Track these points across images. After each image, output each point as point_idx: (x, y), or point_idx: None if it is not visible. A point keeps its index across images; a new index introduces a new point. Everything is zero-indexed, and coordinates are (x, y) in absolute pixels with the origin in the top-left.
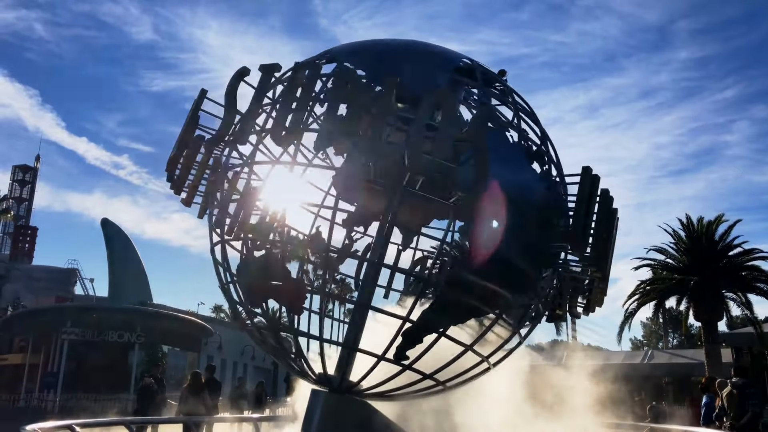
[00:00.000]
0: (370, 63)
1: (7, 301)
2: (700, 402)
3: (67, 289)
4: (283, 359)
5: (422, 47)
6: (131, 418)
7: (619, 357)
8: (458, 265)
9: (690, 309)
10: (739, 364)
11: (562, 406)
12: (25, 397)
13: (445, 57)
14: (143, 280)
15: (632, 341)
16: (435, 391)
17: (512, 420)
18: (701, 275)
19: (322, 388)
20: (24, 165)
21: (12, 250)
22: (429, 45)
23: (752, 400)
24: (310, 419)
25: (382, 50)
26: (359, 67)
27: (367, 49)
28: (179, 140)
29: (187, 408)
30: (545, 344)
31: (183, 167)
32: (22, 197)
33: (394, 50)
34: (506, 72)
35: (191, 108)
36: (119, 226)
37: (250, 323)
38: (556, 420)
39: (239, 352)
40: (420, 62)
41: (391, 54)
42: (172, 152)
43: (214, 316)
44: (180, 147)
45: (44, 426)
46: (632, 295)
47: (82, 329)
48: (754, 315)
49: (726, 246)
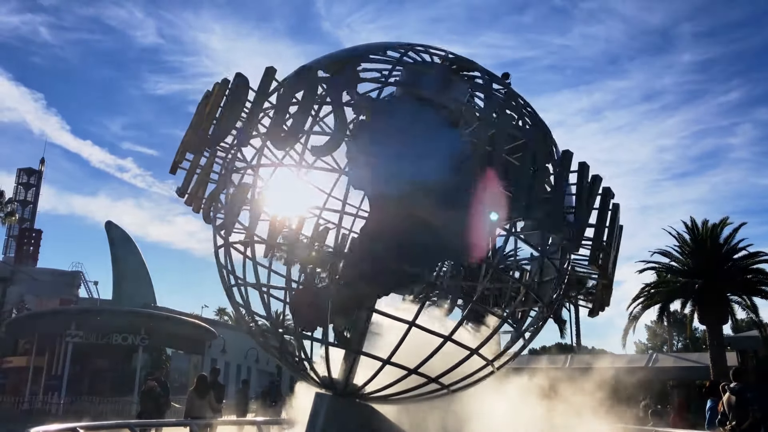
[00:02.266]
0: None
1: (12, 304)
2: (687, 406)
3: (72, 292)
4: (286, 362)
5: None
6: (135, 421)
7: (623, 360)
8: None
9: (695, 312)
10: (738, 369)
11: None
12: (30, 400)
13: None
14: (147, 282)
15: (637, 345)
16: (439, 395)
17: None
18: (706, 278)
19: (326, 392)
20: (29, 168)
21: (16, 252)
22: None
23: (754, 405)
24: (314, 422)
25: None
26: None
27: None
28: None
29: (194, 411)
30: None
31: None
32: (26, 200)
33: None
34: (510, 75)
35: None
36: (123, 229)
37: (254, 326)
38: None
39: (243, 355)
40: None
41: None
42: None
43: (218, 318)
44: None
45: (49, 429)
46: (636, 299)
47: (86, 332)
48: (759, 318)
49: (731, 249)
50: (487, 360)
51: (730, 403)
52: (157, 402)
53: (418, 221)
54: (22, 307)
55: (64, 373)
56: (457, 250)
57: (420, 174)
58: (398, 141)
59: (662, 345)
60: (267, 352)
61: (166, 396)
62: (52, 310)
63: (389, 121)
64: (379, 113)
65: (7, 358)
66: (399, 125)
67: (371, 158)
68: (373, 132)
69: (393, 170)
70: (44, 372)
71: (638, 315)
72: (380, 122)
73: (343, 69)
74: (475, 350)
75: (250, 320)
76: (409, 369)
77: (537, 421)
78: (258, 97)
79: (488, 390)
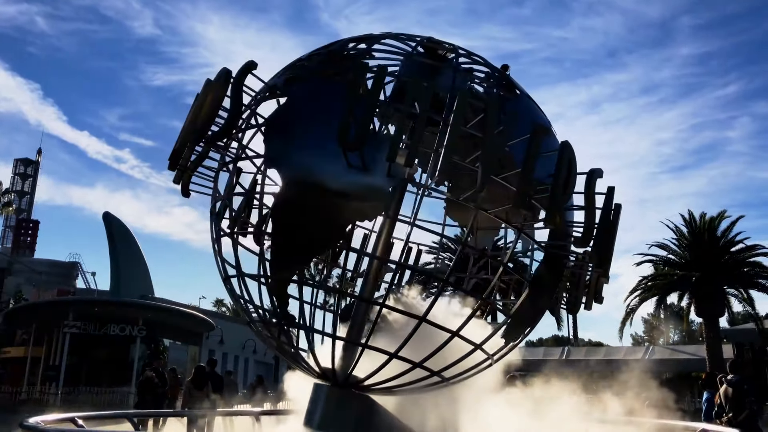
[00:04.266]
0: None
1: (9, 294)
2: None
3: (69, 283)
4: (284, 353)
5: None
6: (133, 411)
7: (620, 353)
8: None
9: (691, 305)
10: (735, 361)
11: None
12: (27, 390)
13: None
14: (145, 273)
15: (633, 337)
16: (437, 387)
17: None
18: (703, 271)
19: (324, 382)
20: (26, 158)
21: (13, 243)
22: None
23: (751, 397)
24: (312, 413)
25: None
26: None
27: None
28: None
29: (191, 402)
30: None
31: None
32: (23, 191)
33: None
34: (509, 67)
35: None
36: (121, 220)
37: (256, 315)
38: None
39: (241, 346)
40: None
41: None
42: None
43: (216, 310)
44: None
45: (47, 419)
46: (634, 291)
47: (84, 323)
48: (755, 311)
49: (728, 242)
50: (488, 354)
51: (727, 395)
52: (155, 392)
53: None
54: (19, 298)
55: (62, 363)
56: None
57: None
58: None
59: (659, 337)
60: (265, 343)
61: (163, 387)
62: (50, 301)
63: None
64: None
65: (5, 349)
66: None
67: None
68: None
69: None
70: (42, 362)
71: (635, 307)
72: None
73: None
74: (479, 345)
75: (248, 311)
76: (414, 362)
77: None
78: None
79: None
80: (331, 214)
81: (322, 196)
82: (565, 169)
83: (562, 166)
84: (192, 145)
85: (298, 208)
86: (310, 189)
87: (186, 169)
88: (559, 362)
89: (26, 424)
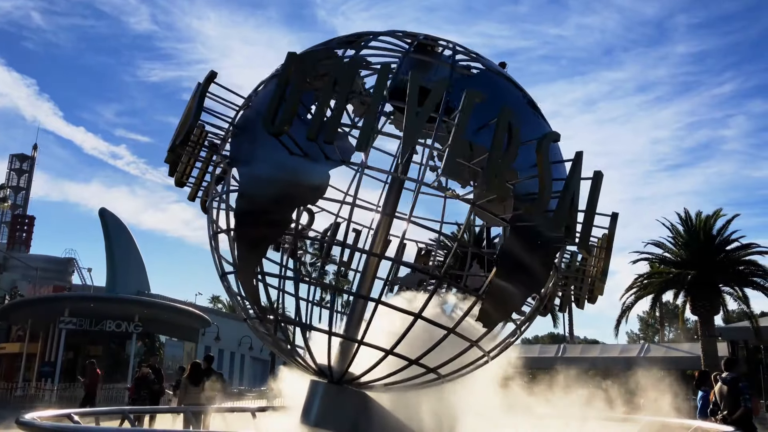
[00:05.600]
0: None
1: (5, 290)
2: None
3: (65, 279)
4: (280, 349)
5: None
6: (129, 407)
7: (615, 350)
8: None
9: (687, 303)
10: (729, 359)
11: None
12: (23, 386)
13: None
14: (141, 270)
15: (629, 335)
16: (433, 383)
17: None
18: (698, 269)
19: (320, 379)
20: (21, 154)
21: (9, 239)
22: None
23: (746, 395)
24: (308, 409)
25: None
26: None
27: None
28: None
29: (187, 398)
30: (542, 337)
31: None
32: (19, 186)
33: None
34: (506, 64)
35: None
36: (117, 216)
37: (252, 312)
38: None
39: (237, 343)
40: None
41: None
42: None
43: (212, 306)
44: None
45: (42, 415)
46: (629, 289)
47: (79, 319)
48: (750, 309)
49: (724, 240)
50: (484, 351)
51: (722, 393)
52: (151, 389)
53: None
54: (15, 294)
55: (58, 359)
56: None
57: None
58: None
59: (654, 335)
60: (261, 339)
61: (159, 383)
62: (46, 297)
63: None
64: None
65: (1, 345)
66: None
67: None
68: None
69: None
70: (38, 358)
71: (631, 305)
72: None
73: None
74: (475, 342)
75: (244, 307)
76: (410, 359)
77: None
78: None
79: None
80: (277, 200)
81: (269, 184)
82: (502, 131)
83: (500, 128)
84: (181, 147)
85: (248, 198)
86: (256, 180)
87: (184, 170)
88: (554, 359)
89: (22, 420)
